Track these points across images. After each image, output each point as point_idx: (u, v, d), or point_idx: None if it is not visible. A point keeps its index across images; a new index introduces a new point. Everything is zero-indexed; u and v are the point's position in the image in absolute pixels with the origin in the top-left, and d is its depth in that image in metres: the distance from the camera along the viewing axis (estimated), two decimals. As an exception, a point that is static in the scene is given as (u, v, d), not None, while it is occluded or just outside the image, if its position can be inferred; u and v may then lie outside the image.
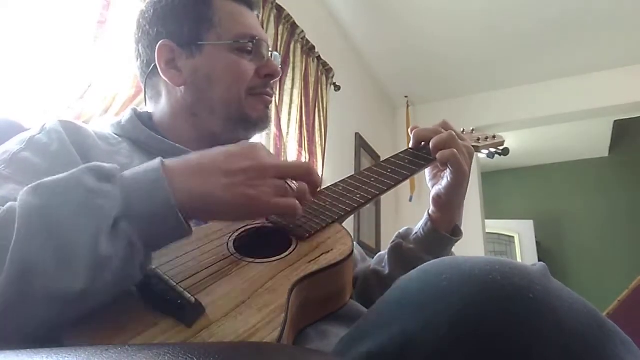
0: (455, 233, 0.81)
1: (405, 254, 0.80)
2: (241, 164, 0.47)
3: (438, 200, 0.79)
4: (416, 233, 0.81)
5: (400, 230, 0.85)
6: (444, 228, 0.79)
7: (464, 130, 0.92)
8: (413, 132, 0.81)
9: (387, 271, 0.80)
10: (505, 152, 0.94)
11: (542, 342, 0.32)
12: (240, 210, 0.47)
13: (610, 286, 2.87)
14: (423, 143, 0.80)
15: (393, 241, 0.83)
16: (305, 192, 0.52)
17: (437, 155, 0.75)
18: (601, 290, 3.12)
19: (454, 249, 0.83)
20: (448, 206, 0.79)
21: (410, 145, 0.81)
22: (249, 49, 0.75)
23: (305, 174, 0.53)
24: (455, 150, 0.75)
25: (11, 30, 1.02)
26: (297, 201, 0.50)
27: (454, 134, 0.77)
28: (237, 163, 0.47)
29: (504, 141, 0.96)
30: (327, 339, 0.53)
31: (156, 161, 0.45)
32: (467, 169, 0.76)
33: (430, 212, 0.81)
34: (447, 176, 0.76)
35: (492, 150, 0.94)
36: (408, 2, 2.61)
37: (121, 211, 0.41)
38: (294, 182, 0.52)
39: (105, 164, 0.45)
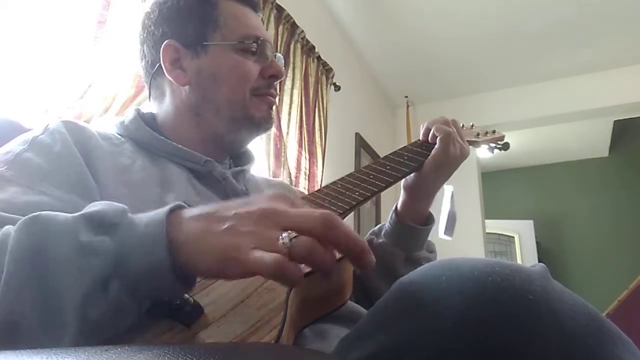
0: (427, 222, 0.82)
1: (376, 250, 0.80)
2: (245, 208, 0.38)
3: (410, 181, 0.80)
4: (385, 227, 0.82)
5: (375, 228, 0.86)
6: (410, 218, 0.80)
7: (464, 125, 0.92)
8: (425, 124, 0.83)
9: (358, 270, 0.81)
10: (506, 146, 0.94)
11: (542, 343, 0.32)
12: (219, 262, 0.37)
13: (610, 286, 2.87)
14: (421, 139, 0.81)
15: (366, 238, 0.84)
16: (308, 249, 0.36)
17: (433, 127, 0.79)
18: (601, 290, 3.13)
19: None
20: (417, 190, 0.80)
21: (421, 137, 0.83)
22: (254, 49, 0.75)
23: (321, 227, 0.36)
24: (449, 129, 0.77)
25: (11, 30, 1.02)
26: (281, 258, 0.35)
27: (457, 122, 0.81)
28: (242, 208, 0.39)
29: (504, 136, 0.96)
30: (327, 340, 0.53)
31: (165, 208, 0.40)
32: (453, 154, 0.77)
33: (397, 203, 0.82)
34: (428, 158, 0.78)
35: (492, 145, 0.94)
36: (408, 2, 2.61)
37: (111, 270, 0.38)
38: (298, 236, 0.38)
39: (110, 210, 0.41)
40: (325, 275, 0.37)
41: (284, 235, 0.36)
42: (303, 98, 2.15)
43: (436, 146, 0.77)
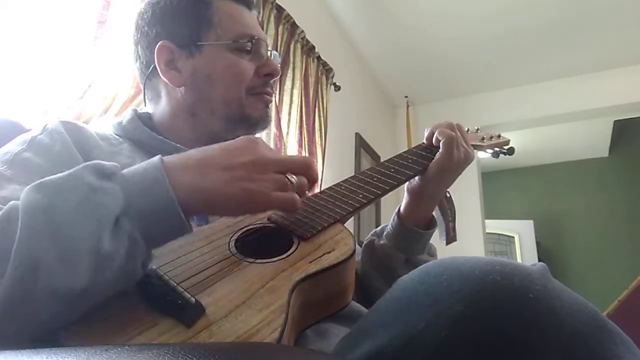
0: (430, 226, 0.82)
1: (377, 251, 0.81)
2: (241, 158, 0.47)
3: (414, 185, 0.80)
4: (387, 229, 0.82)
5: (376, 229, 0.86)
6: (411, 221, 0.79)
7: (468, 129, 0.92)
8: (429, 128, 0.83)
9: (360, 270, 0.81)
10: (511, 151, 0.94)
11: (543, 342, 0.32)
12: (241, 205, 0.47)
13: (610, 286, 2.87)
14: (425, 142, 0.81)
15: (367, 238, 0.84)
16: (304, 186, 0.52)
17: (436, 130, 0.79)
18: (601, 290, 3.13)
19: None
20: (420, 194, 0.79)
21: (425, 140, 0.83)
22: (248, 48, 0.75)
23: (304, 168, 0.52)
24: (452, 133, 0.77)
25: (11, 30, 1.02)
26: (296, 195, 0.50)
27: (461, 127, 0.81)
28: (237, 158, 0.47)
29: (508, 140, 0.95)
30: (328, 339, 0.53)
31: (156, 158, 0.46)
32: (457, 158, 0.77)
33: (400, 206, 0.82)
34: (432, 162, 0.78)
35: (497, 149, 0.94)
36: (408, 3, 2.61)
37: (122, 209, 0.42)
38: (294, 176, 0.51)
39: (105, 162, 0.45)
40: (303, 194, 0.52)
41: (288, 177, 0.50)
42: (303, 98, 2.15)
43: (440, 150, 0.77)
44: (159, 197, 0.43)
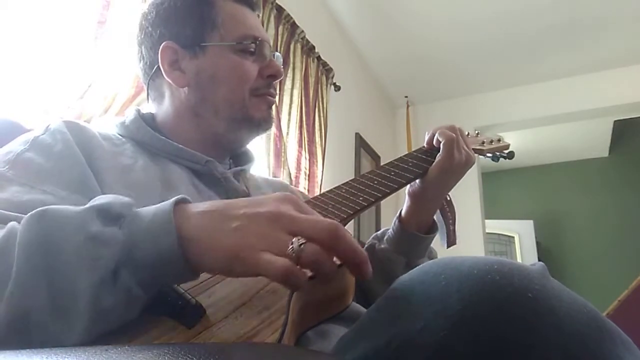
0: (431, 231, 0.81)
1: (378, 255, 0.81)
2: (254, 209, 0.40)
3: (415, 189, 0.79)
4: (388, 233, 0.82)
5: (377, 232, 0.86)
6: (413, 225, 0.79)
7: (468, 133, 0.92)
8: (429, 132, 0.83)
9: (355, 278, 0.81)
10: (511, 155, 0.94)
11: (542, 342, 0.32)
12: (229, 260, 0.38)
13: (610, 286, 2.87)
14: (426, 145, 0.81)
15: (368, 242, 0.84)
16: (315, 256, 0.38)
17: (437, 133, 0.79)
18: (601, 290, 3.12)
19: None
20: (421, 198, 0.79)
21: (426, 143, 0.82)
22: (252, 50, 0.75)
23: (329, 236, 0.38)
24: (452, 135, 0.76)
25: (11, 30, 1.02)
26: (289, 263, 0.36)
27: (456, 129, 0.80)
28: (251, 208, 0.40)
29: (508, 145, 0.96)
30: (328, 340, 0.53)
31: (170, 200, 0.41)
32: (458, 160, 0.77)
33: (402, 210, 0.82)
34: (433, 165, 0.77)
35: (497, 153, 0.94)
36: (408, 3, 2.61)
37: (121, 260, 0.39)
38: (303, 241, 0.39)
39: (117, 202, 0.42)
40: (324, 282, 0.38)
41: (293, 240, 0.38)
42: (303, 98, 2.15)
43: (440, 152, 0.77)
44: (163, 247, 0.39)
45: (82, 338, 0.37)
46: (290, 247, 0.37)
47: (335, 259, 0.40)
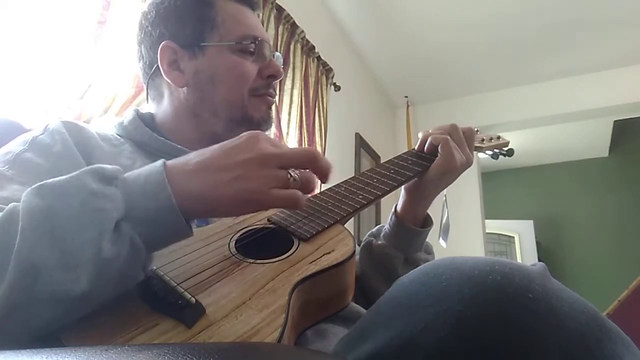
0: (426, 224, 0.82)
1: (375, 251, 0.81)
2: (239, 157, 0.45)
3: (412, 185, 0.79)
4: (385, 229, 0.82)
5: (373, 229, 0.86)
6: (409, 220, 0.79)
7: (478, 130, 0.92)
8: (421, 134, 0.82)
9: (358, 271, 0.81)
10: (510, 152, 0.94)
11: (542, 342, 0.32)
12: (240, 205, 0.46)
13: (610, 286, 2.87)
14: (417, 150, 0.81)
15: (365, 239, 0.84)
16: (311, 180, 0.48)
17: (430, 138, 0.78)
18: (601, 290, 3.13)
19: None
20: (418, 194, 0.79)
21: (416, 147, 0.81)
22: (252, 49, 0.75)
23: (310, 160, 0.48)
24: (447, 137, 0.76)
25: (11, 31, 1.02)
26: (298, 192, 0.47)
27: (458, 129, 0.80)
28: (235, 156, 0.46)
29: (508, 142, 0.96)
30: (327, 339, 0.53)
31: (159, 163, 0.45)
32: (459, 161, 0.77)
33: (397, 205, 0.82)
34: (433, 165, 0.77)
35: (497, 150, 0.94)
36: (408, 3, 2.61)
37: (123, 213, 0.41)
38: (296, 171, 0.48)
39: (107, 166, 0.45)
40: (311, 191, 0.49)
41: (291, 173, 0.47)
42: (303, 98, 2.15)
43: (440, 154, 0.76)
44: (160, 203, 0.42)
45: (89, 288, 0.38)
46: (290, 178, 0.46)
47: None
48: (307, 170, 0.48)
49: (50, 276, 0.37)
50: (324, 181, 0.50)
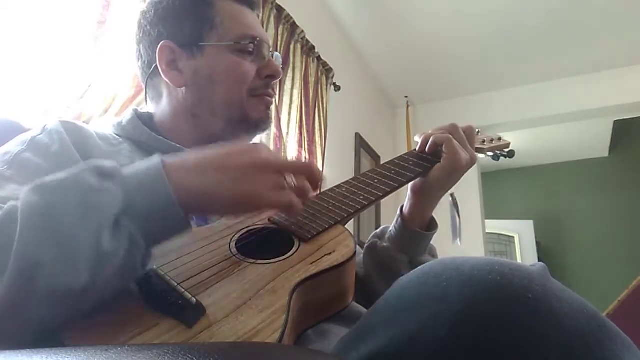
0: (431, 227, 0.81)
1: (379, 253, 0.80)
2: (238, 161, 0.47)
3: (419, 186, 0.78)
4: (390, 231, 0.81)
5: (377, 230, 0.85)
6: (416, 223, 0.79)
7: (478, 132, 0.91)
8: (421, 137, 0.81)
9: (362, 272, 0.80)
10: (511, 154, 0.94)
11: (542, 343, 0.32)
12: (237, 206, 0.47)
13: (610, 286, 2.87)
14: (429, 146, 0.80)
15: (369, 240, 0.83)
16: (306, 189, 0.51)
17: (432, 138, 0.77)
18: (601, 290, 3.13)
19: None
20: (426, 196, 0.78)
21: (417, 149, 0.80)
22: (250, 49, 0.75)
23: (305, 171, 0.51)
24: (450, 136, 0.76)
25: (11, 31, 1.02)
26: (294, 196, 0.49)
27: (459, 129, 0.79)
28: (235, 160, 0.47)
29: (509, 143, 0.95)
30: (327, 339, 0.53)
31: (156, 159, 0.46)
32: (461, 158, 0.75)
33: (402, 208, 0.81)
34: (438, 165, 0.76)
35: (497, 152, 0.94)
36: (408, 2, 2.61)
37: (122, 208, 0.42)
38: (294, 178, 0.51)
39: (105, 162, 0.45)
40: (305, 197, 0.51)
41: (287, 179, 0.49)
42: (303, 98, 2.15)
43: (445, 153, 0.76)
44: (159, 197, 0.43)
45: (89, 281, 0.38)
46: (288, 184, 0.49)
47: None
48: (303, 177, 0.51)
49: (51, 271, 0.37)
50: (314, 190, 0.53)
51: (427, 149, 0.78)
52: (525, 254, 4.40)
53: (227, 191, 0.46)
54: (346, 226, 0.64)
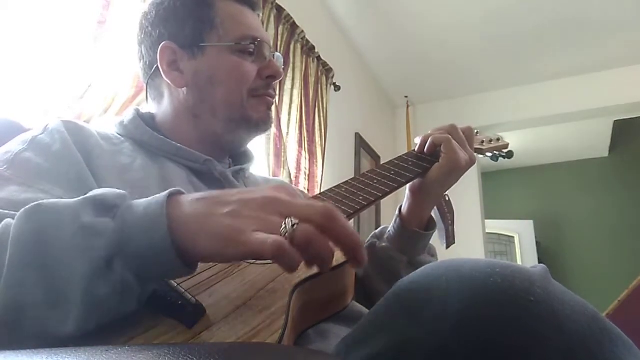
0: (429, 227, 0.81)
1: (379, 254, 0.80)
2: (245, 196, 0.40)
3: (417, 186, 0.78)
4: (389, 231, 0.81)
5: (376, 231, 0.86)
6: (415, 223, 0.79)
7: (477, 132, 0.91)
8: (420, 138, 0.81)
9: (361, 273, 0.81)
10: (510, 155, 0.94)
11: (543, 345, 0.32)
12: (218, 242, 0.38)
13: (610, 286, 2.87)
14: (427, 146, 0.80)
15: (368, 241, 0.84)
16: (309, 237, 0.36)
17: (431, 138, 0.77)
18: (601, 290, 3.13)
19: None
20: (424, 196, 0.78)
21: (416, 149, 0.81)
22: (251, 50, 0.75)
23: (323, 217, 0.37)
24: (449, 136, 0.76)
25: (11, 31, 1.02)
26: (283, 241, 0.36)
27: (458, 129, 0.79)
28: (242, 195, 0.40)
29: (508, 144, 0.96)
30: (328, 340, 0.53)
31: (163, 194, 0.41)
32: (460, 158, 0.76)
33: (401, 208, 0.81)
34: (436, 165, 0.76)
35: (496, 152, 0.94)
36: (408, 3, 2.61)
37: (114, 250, 0.39)
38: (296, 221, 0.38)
39: (110, 193, 0.42)
40: (322, 267, 0.38)
41: (286, 221, 0.37)
42: (303, 98, 2.15)
43: (443, 153, 0.76)
44: (155, 241, 0.38)
45: (77, 328, 0.36)
46: (283, 227, 0.37)
47: (335, 259, 0.40)
48: (310, 226, 0.37)
49: (36, 315, 0.36)
50: (341, 249, 0.39)
51: (425, 149, 0.78)
52: (525, 254, 4.40)
53: (213, 223, 0.38)
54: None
